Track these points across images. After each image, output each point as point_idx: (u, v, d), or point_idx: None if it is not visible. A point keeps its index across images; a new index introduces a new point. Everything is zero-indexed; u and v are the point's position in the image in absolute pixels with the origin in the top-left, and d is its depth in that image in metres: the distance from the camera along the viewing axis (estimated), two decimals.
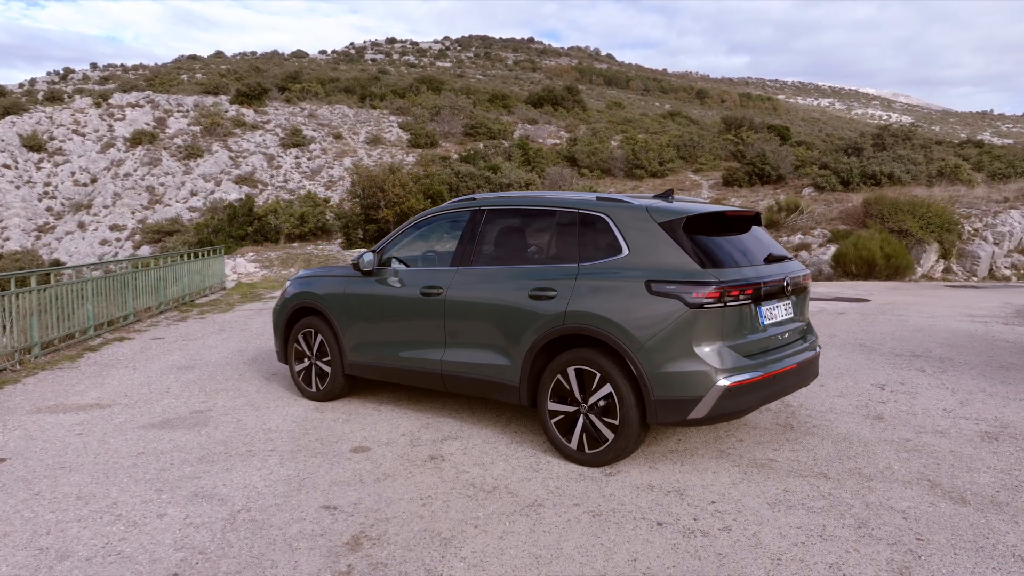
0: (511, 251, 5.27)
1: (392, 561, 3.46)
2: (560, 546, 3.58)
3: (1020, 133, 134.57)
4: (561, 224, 4.97)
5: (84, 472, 4.71)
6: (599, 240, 4.75)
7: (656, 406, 4.33)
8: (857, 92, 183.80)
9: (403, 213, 29.21)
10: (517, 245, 5.28)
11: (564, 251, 4.89)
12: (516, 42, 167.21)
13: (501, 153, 37.75)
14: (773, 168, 31.04)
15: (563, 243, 4.92)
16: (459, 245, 5.47)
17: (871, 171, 26.23)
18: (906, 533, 3.69)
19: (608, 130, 49.97)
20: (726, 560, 3.42)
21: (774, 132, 44.96)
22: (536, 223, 5.21)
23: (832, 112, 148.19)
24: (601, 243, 4.73)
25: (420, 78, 76.52)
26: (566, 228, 4.93)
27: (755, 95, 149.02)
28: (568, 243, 4.88)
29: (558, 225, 4.99)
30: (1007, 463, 4.70)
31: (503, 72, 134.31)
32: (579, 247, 4.81)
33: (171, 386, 7.02)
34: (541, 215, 5.18)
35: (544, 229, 5.11)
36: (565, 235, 4.92)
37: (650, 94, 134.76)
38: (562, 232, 4.95)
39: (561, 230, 4.96)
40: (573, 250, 4.84)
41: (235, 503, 4.16)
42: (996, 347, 8.56)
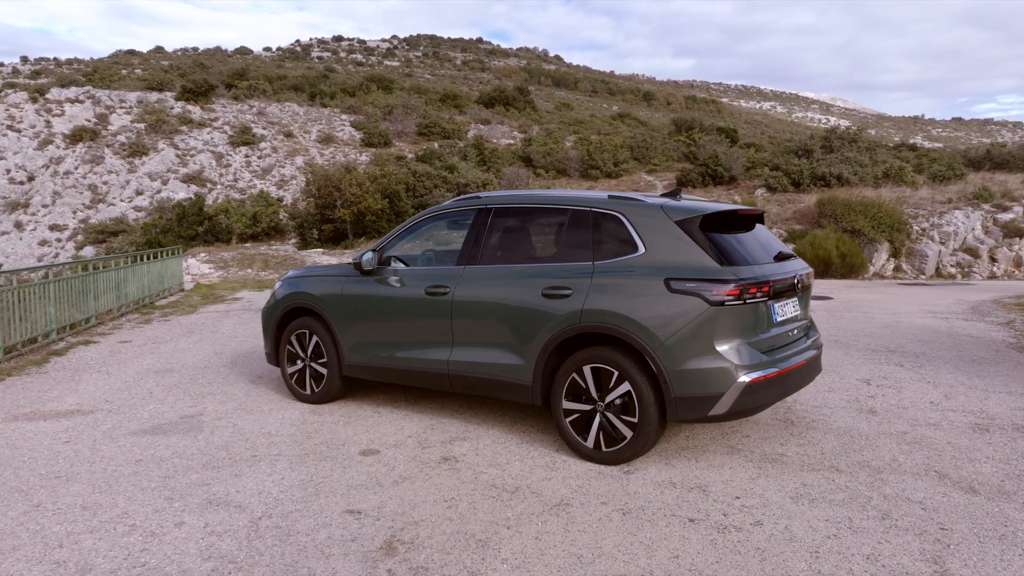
0: (520, 250, 5.24)
1: (432, 565, 3.40)
2: (599, 545, 3.57)
3: (949, 137, 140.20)
4: (573, 223, 4.96)
5: (83, 481, 4.51)
6: (614, 238, 4.76)
7: (677, 403, 4.36)
8: (797, 96, 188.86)
9: (360, 213, 28.89)
10: (526, 244, 5.26)
11: (577, 250, 4.88)
12: (465, 42, 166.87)
13: (457, 153, 37.63)
14: (725, 169, 31.64)
15: (575, 242, 4.91)
16: (465, 244, 5.41)
17: (821, 172, 26.96)
18: (929, 524, 3.79)
19: (561, 131, 50.27)
20: (766, 554, 3.46)
21: (723, 134, 45.89)
22: (546, 221, 5.20)
23: (774, 115, 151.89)
24: (616, 241, 4.74)
25: (369, 77, 75.72)
26: (578, 227, 4.93)
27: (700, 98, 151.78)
28: (581, 242, 4.88)
29: (570, 224, 4.98)
30: (1004, 453, 4.88)
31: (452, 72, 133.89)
32: (593, 245, 4.81)
33: (152, 391, 6.78)
34: (551, 213, 5.16)
35: (555, 227, 5.10)
36: (577, 233, 4.92)
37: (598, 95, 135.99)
38: (574, 231, 4.94)
39: (573, 229, 4.95)
40: (587, 248, 4.83)
41: (254, 510, 4.04)
42: (962, 342, 8.88)
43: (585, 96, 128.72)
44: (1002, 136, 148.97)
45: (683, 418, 4.41)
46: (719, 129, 48.21)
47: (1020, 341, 8.94)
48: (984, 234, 20.58)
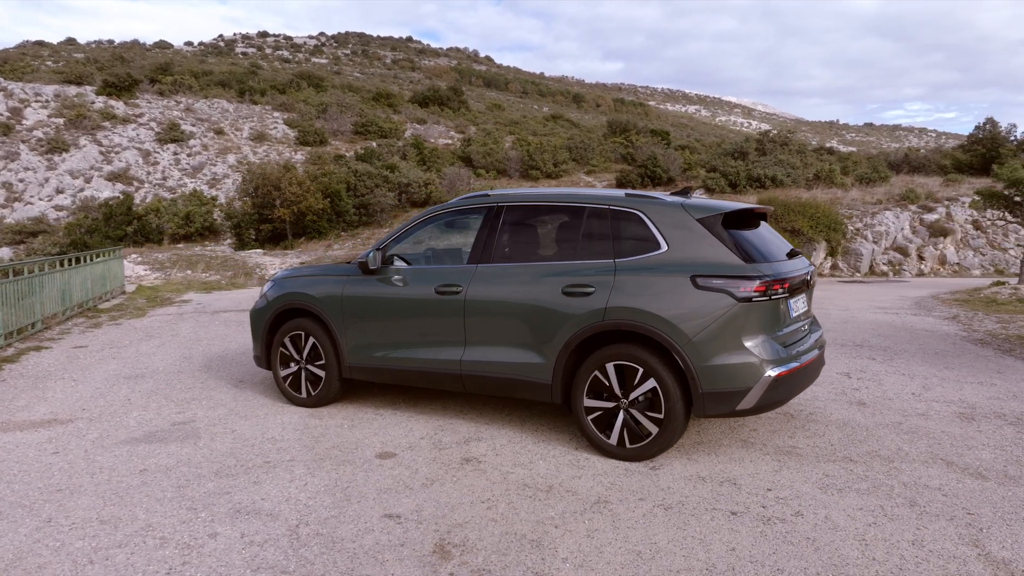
0: (535, 248, 5.22)
1: (493, 567, 3.35)
2: (653, 541, 3.59)
3: (862, 142, 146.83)
4: (591, 221, 4.97)
5: (90, 494, 4.26)
6: (634, 236, 4.79)
7: (704, 398, 4.43)
8: (720, 100, 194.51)
9: (301, 212, 28.28)
10: (541, 242, 5.24)
11: (596, 247, 4.89)
12: (394, 40, 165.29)
13: (396, 152, 37.24)
14: (664, 170, 32.34)
15: (594, 239, 4.92)
16: (476, 242, 5.36)
17: (756, 174, 27.85)
18: (955, 509, 3.96)
19: (498, 131, 50.35)
20: (817, 544, 3.54)
21: (657, 136, 46.89)
22: (562, 220, 5.19)
23: (699, 118, 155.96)
24: (637, 239, 4.77)
25: (299, 74, 74.14)
26: (597, 224, 4.94)
27: (628, 100, 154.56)
28: (600, 239, 4.89)
29: (588, 221, 4.99)
30: (996, 441, 5.14)
31: (382, 71, 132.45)
32: (613, 243, 4.83)
33: (131, 397, 6.46)
34: (567, 212, 5.16)
35: (571, 226, 5.09)
36: (596, 231, 4.93)
37: (529, 96, 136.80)
38: (592, 228, 4.95)
39: (591, 226, 4.96)
40: (606, 246, 4.85)
41: (288, 517, 3.90)
42: (919, 336, 9.32)
43: (516, 97, 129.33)
44: (909, 141, 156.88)
45: (710, 413, 4.48)
46: (652, 131, 49.24)
47: (971, 335, 9.43)
48: (912, 233, 21.64)
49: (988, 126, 38.36)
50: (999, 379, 6.93)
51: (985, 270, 21.10)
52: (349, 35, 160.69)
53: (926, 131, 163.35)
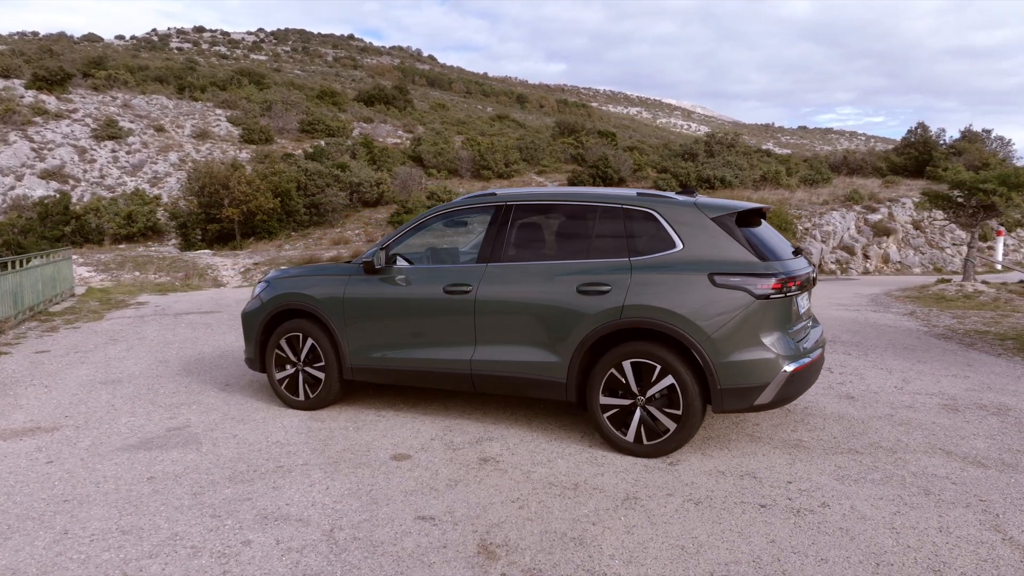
0: (546, 247, 5.22)
1: (543, 566, 3.35)
2: (693, 536, 3.64)
3: (797, 144, 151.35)
4: (604, 220, 5.00)
5: (100, 503, 4.09)
6: (649, 235, 4.84)
7: (723, 394, 4.51)
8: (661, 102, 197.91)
9: (250, 212, 27.66)
10: (553, 241, 5.25)
11: (609, 246, 4.93)
12: (336, 38, 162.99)
13: (345, 151, 36.73)
14: (615, 171, 32.73)
15: (607, 238, 4.95)
16: (485, 241, 5.33)
17: (706, 175, 28.46)
18: (967, 496, 4.13)
19: (447, 131, 50.15)
20: (852, 533, 3.65)
21: (604, 138, 47.43)
22: (573, 218, 5.20)
23: (640, 120, 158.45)
24: (651, 238, 4.83)
25: (239, 70, 72.47)
26: (610, 223, 4.97)
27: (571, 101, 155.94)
28: (613, 238, 4.93)
29: (600, 220, 5.01)
30: (984, 430, 5.37)
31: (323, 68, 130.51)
32: (627, 242, 4.87)
33: (113, 403, 6.22)
34: (578, 211, 5.17)
35: (584, 225, 5.11)
36: (609, 230, 4.96)
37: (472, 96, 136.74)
38: (606, 227, 4.98)
39: (604, 225, 4.99)
40: (620, 245, 4.89)
41: (319, 522, 3.81)
42: (885, 331, 9.68)
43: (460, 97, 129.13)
44: (841, 144, 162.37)
45: (728, 408, 4.56)
46: (600, 133, 49.79)
47: (932, 330, 9.83)
48: (857, 233, 22.43)
49: (919, 130, 40.03)
50: (971, 372, 7.24)
51: (925, 268, 22.02)
52: (289, 32, 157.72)
53: (856, 134, 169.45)
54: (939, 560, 3.37)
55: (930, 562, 3.35)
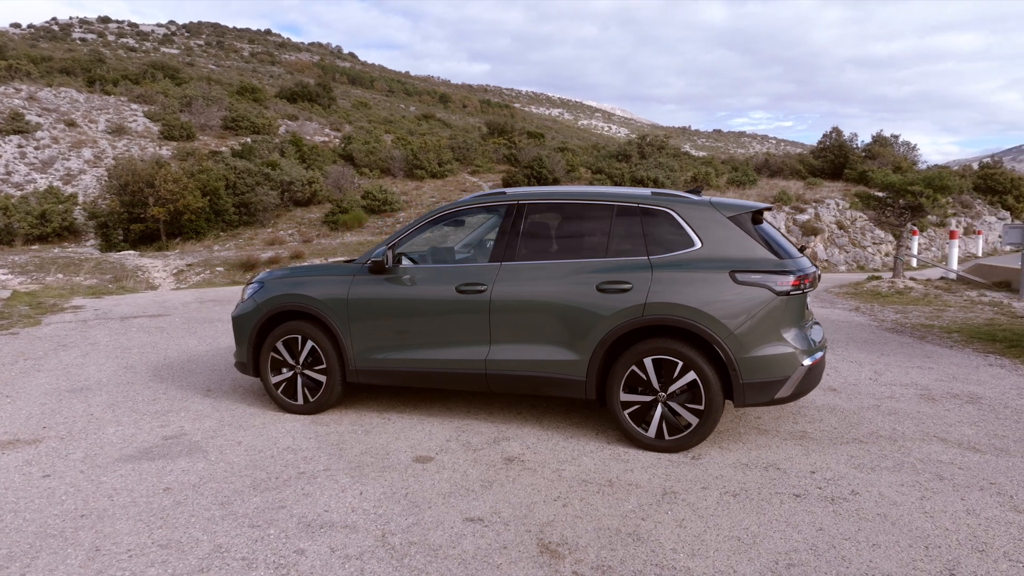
0: (561, 245, 5.23)
1: (612, 562, 3.37)
2: (744, 527, 3.73)
3: (712, 147, 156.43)
4: (621, 218, 5.05)
5: (123, 517, 3.87)
6: (666, 234, 4.92)
7: (745, 388, 4.63)
8: (582, 104, 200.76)
9: (177, 212, 26.59)
10: (568, 239, 5.25)
11: (626, 245, 4.99)
12: (252, 33, 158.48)
13: (274, 149, 35.73)
14: (549, 172, 32.98)
15: (624, 237, 5.01)
16: (498, 240, 5.30)
17: (640, 176, 29.01)
18: (978, 480, 4.38)
19: (376, 130, 49.48)
20: (891, 518, 3.81)
21: (533, 138, 47.78)
22: (588, 217, 5.22)
23: (563, 121, 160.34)
24: (669, 237, 4.91)
25: (152, 64, 69.54)
26: (627, 222, 5.03)
27: (495, 102, 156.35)
28: (631, 237, 4.99)
29: (617, 219, 5.06)
30: (966, 417, 5.70)
31: (239, 64, 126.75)
32: (645, 241, 4.94)
33: (91, 412, 5.89)
34: (593, 209, 5.20)
35: (600, 223, 5.14)
36: (626, 229, 5.02)
37: (395, 95, 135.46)
38: (622, 226, 5.03)
39: (621, 224, 5.04)
40: (638, 244, 4.95)
41: (367, 528, 3.72)
42: (841, 326, 10.11)
43: (382, 95, 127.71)
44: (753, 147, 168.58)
45: (750, 402, 4.69)
46: (529, 133, 50.13)
47: (882, 324, 10.34)
48: (788, 232, 23.32)
49: (834, 135, 41.97)
50: (933, 363, 7.66)
51: (849, 266, 23.11)
52: (203, 25, 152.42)
53: (767, 138, 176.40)
54: (979, 540, 3.56)
55: (972, 543, 3.54)
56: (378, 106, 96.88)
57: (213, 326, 10.23)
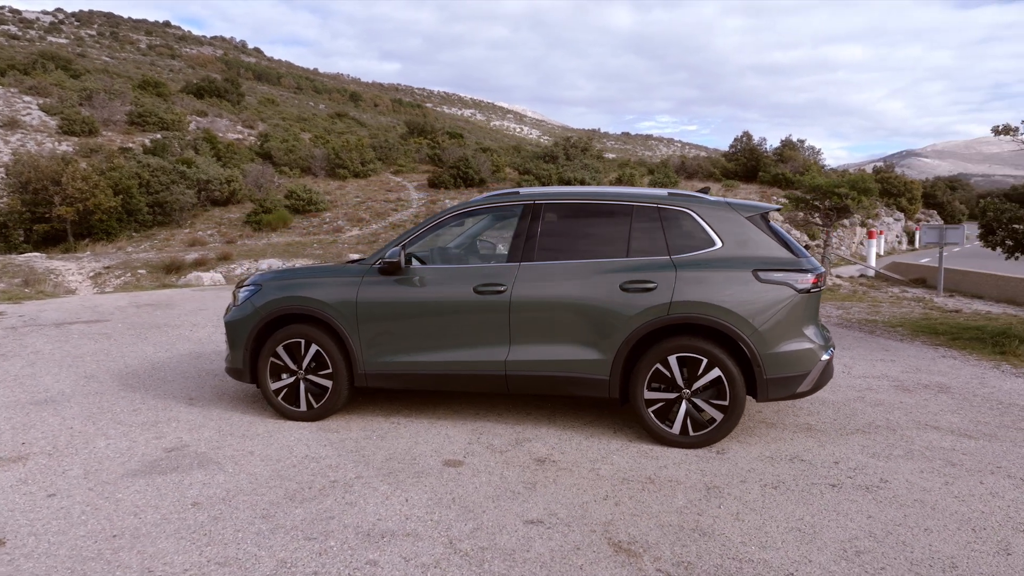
0: (581, 245, 5.22)
1: (689, 558, 3.41)
2: (798, 517, 3.85)
3: (621, 149, 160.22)
4: (640, 219, 5.11)
5: (162, 536, 3.63)
6: (687, 234, 5.02)
7: (769, 384, 4.78)
8: (494, 105, 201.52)
9: (87, 211, 25.14)
10: (587, 239, 5.24)
11: (646, 244, 5.05)
12: (150, 24, 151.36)
13: (187, 146, 34.27)
14: (475, 172, 33.02)
15: (644, 237, 5.07)
16: (515, 240, 5.27)
17: (567, 177, 29.44)
18: (985, 463, 4.67)
19: (292, 128, 48.20)
20: (928, 504, 4.02)
21: (453, 139, 47.67)
22: (607, 217, 5.23)
23: (475, 122, 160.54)
24: (690, 236, 5.01)
25: (41, 54, 65.46)
26: (647, 222, 5.09)
27: (406, 101, 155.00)
28: (651, 237, 5.05)
29: (637, 219, 5.12)
30: (945, 406, 6.06)
31: (136, 56, 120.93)
32: (666, 241, 5.02)
33: (70, 425, 5.50)
34: (611, 210, 5.23)
35: (619, 223, 5.17)
36: (647, 229, 5.08)
37: (304, 93, 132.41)
38: (642, 226, 5.09)
39: (641, 224, 5.10)
40: (659, 244, 5.02)
41: (431, 535, 3.63)
42: None
43: (290, 93, 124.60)
44: (660, 150, 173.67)
45: (773, 397, 4.84)
46: (449, 134, 49.98)
47: (829, 320, 10.85)
48: None
49: (744, 139, 43.80)
50: (892, 356, 8.11)
51: None
52: (94, 14, 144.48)
53: (673, 141, 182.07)
54: (1017, 521, 3.80)
55: (1013, 523, 3.77)
56: (286, 103, 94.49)
57: (164, 332, 9.72)
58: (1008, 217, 8.43)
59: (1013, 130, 8.53)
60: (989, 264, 21.84)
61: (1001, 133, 8.62)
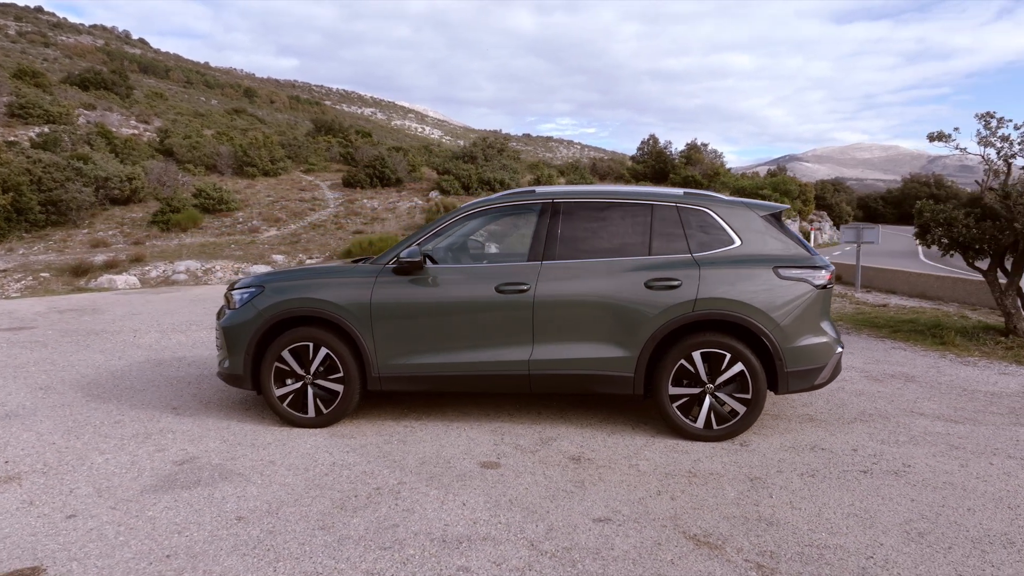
0: (602, 244, 5.23)
1: (772, 548, 3.48)
2: (848, 503, 4.01)
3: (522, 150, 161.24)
4: (661, 217, 5.19)
5: (223, 554, 3.40)
6: (706, 232, 5.13)
7: (789, 376, 4.96)
8: (395, 104, 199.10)
9: None
10: (608, 238, 5.25)
11: (667, 243, 5.13)
12: (19, 9, 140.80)
13: (79, 141, 32.12)
14: (392, 171, 32.55)
15: (665, 235, 5.14)
16: (535, 239, 5.23)
17: (487, 178, 29.48)
18: (983, 446, 5.00)
19: (192, 123, 46.03)
20: (958, 485, 4.27)
21: (363, 137, 46.84)
22: (627, 216, 5.27)
23: (376, 121, 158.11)
24: (710, 235, 5.13)
25: None
26: (666, 221, 5.17)
27: (304, 99, 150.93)
28: (672, 235, 5.13)
29: (657, 218, 5.19)
30: (919, 394, 6.46)
31: (4, 43, 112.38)
32: (687, 239, 5.12)
33: (51, 441, 5.07)
34: (632, 209, 5.27)
35: (640, 222, 5.21)
36: (666, 227, 5.15)
37: (194, 87, 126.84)
38: (662, 225, 5.17)
39: (661, 223, 5.17)
40: (679, 242, 5.12)
41: (508, 539, 3.56)
42: None
43: (179, 86, 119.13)
44: (560, 152, 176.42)
45: (793, 389, 5.02)
46: (358, 132, 49.05)
47: None
48: None
49: (651, 142, 45.15)
50: (849, 348, 8.55)
51: None
52: None
53: (573, 143, 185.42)
54: None
55: None
56: (176, 98, 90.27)
57: (105, 338, 9.10)
58: (943, 218, 9.07)
59: (947, 136, 9.19)
60: (887, 261, 23.44)
61: (936, 140, 9.25)
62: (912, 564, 3.33)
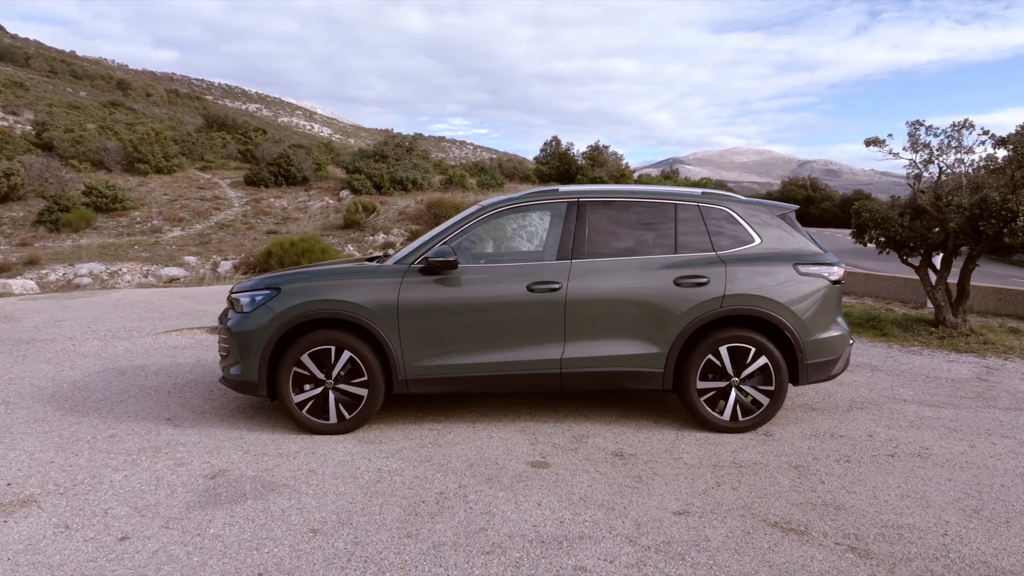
0: (628, 242, 5.29)
1: (849, 529, 3.65)
2: (895, 484, 4.25)
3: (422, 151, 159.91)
4: (683, 216, 5.31)
5: (320, 569, 3.22)
6: (727, 231, 5.30)
7: (809, 368, 5.20)
8: (281, 100, 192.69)
9: None
10: (632, 236, 5.32)
11: (692, 241, 5.26)
12: None
13: None
14: (298, 170, 31.55)
15: (689, 234, 5.27)
16: (563, 237, 5.23)
17: (399, 177, 29.08)
18: (975, 428, 5.42)
19: (70, 116, 42.92)
20: (982, 465, 4.60)
21: (260, 135, 45.17)
22: (651, 215, 5.34)
23: (261, 117, 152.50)
24: (731, 233, 5.30)
25: None
26: (690, 220, 5.30)
27: (184, 93, 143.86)
28: (695, 234, 5.27)
29: (680, 217, 5.31)
30: (890, 382, 6.92)
31: None
32: (710, 237, 5.27)
33: (50, 459, 4.63)
34: (656, 208, 5.36)
35: (663, 221, 5.31)
36: (690, 226, 5.29)
37: (59, 77, 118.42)
38: (686, 224, 5.29)
39: (684, 222, 5.30)
40: (703, 240, 5.26)
41: (605, 536, 3.56)
42: None
43: (41, 76, 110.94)
44: (453, 152, 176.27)
45: (812, 380, 5.26)
46: (254, 129, 47.24)
47: None
48: None
49: (554, 144, 45.88)
50: None
51: None
52: None
53: (465, 143, 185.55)
54: None
55: None
56: (39, 88, 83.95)
57: (41, 347, 8.36)
58: (880, 217, 9.73)
59: (881, 142, 9.86)
60: None
61: (872, 144, 9.91)
62: (984, 539, 3.58)
